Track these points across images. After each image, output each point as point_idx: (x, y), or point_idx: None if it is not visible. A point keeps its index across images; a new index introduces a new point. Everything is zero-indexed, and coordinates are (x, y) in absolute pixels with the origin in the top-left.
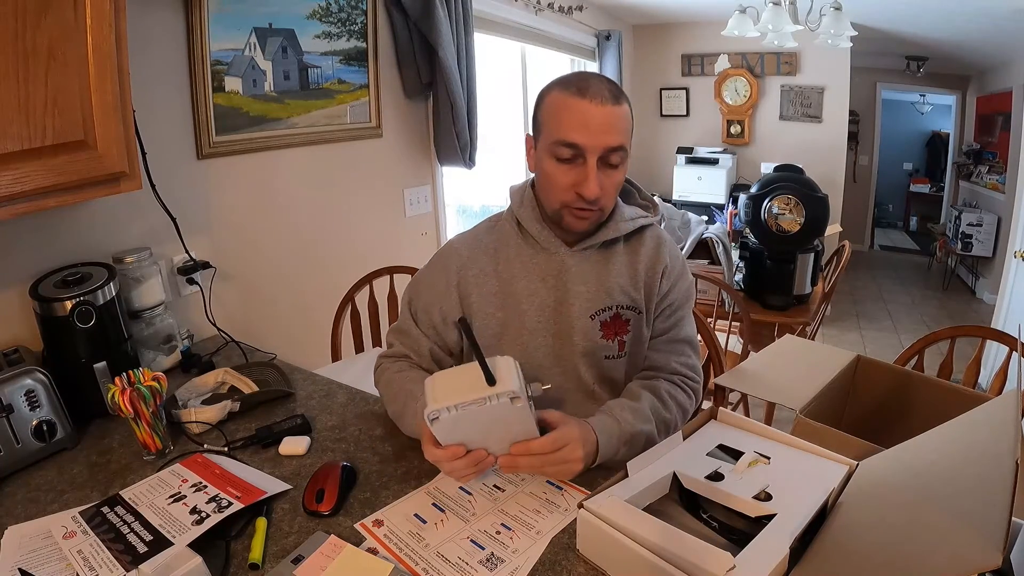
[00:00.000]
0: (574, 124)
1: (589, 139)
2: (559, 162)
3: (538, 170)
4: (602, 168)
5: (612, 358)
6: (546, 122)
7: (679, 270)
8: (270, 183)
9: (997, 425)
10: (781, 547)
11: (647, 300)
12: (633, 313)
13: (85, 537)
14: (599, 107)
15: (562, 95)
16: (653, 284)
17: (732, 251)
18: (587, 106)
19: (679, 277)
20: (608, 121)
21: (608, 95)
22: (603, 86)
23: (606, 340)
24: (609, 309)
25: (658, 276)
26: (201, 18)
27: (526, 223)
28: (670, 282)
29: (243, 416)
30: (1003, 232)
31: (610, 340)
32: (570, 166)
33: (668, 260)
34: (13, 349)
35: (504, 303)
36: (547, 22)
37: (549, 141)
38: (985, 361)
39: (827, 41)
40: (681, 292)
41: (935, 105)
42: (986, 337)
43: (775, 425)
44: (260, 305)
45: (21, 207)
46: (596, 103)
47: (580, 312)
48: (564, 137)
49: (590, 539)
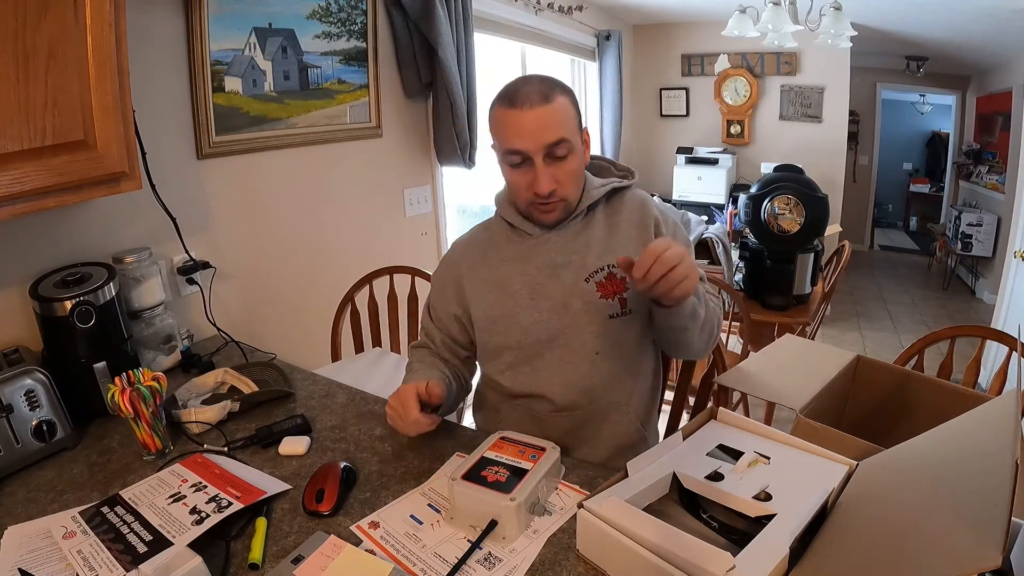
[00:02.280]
0: (512, 134)
1: (527, 143)
2: (513, 168)
3: (504, 177)
4: (551, 163)
5: (617, 316)
6: (495, 136)
7: (672, 222)
8: (270, 183)
9: (997, 425)
10: (781, 547)
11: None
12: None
13: (85, 537)
14: (529, 112)
15: (499, 109)
16: (648, 238)
17: (732, 251)
18: (518, 115)
19: (674, 228)
20: (539, 122)
21: (536, 97)
22: (532, 89)
23: (606, 299)
24: (601, 270)
25: (651, 231)
26: (201, 18)
27: (509, 217)
28: (667, 231)
29: (243, 416)
30: (1003, 232)
31: (610, 299)
32: (522, 170)
33: (658, 213)
34: (13, 349)
35: (497, 287)
36: (547, 22)
37: (500, 152)
38: (985, 361)
39: (827, 41)
40: (680, 239)
41: (935, 105)
42: (986, 337)
43: (775, 425)
44: (260, 305)
45: (21, 207)
46: (525, 109)
47: (573, 279)
48: (508, 147)
49: (590, 539)
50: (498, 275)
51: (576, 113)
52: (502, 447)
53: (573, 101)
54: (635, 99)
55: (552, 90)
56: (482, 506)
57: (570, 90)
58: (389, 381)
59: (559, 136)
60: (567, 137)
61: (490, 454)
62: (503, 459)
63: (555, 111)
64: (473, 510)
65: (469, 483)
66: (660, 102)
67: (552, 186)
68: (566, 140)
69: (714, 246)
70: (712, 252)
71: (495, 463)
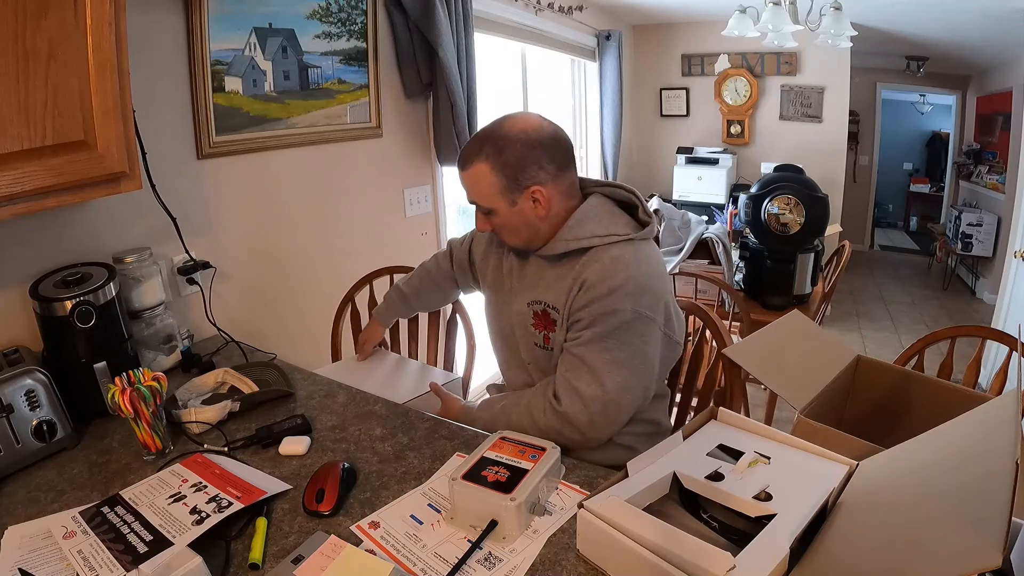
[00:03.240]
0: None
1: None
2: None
3: None
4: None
5: (540, 347)
6: None
7: (603, 292)
8: (270, 183)
9: (997, 425)
10: (781, 547)
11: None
12: (557, 314)
13: (85, 537)
14: (460, 170)
15: None
16: (572, 293)
17: (732, 251)
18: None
19: (600, 299)
20: (465, 184)
21: (461, 160)
22: (466, 149)
23: (535, 330)
24: (539, 303)
25: (576, 287)
26: (201, 18)
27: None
28: (587, 297)
29: (243, 416)
30: (1003, 232)
31: (539, 331)
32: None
33: (591, 276)
34: (13, 349)
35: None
36: (547, 22)
37: None
38: (985, 361)
39: (827, 41)
40: (596, 314)
41: (935, 105)
42: (986, 337)
43: (775, 425)
44: (260, 305)
45: (21, 207)
46: (457, 166)
47: (521, 300)
48: None
49: (590, 539)
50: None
51: (498, 179)
52: (502, 447)
53: (497, 165)
54: (635, 99)
55: (476, 153)
56: (482, 506)
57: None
58: (389, 381)
59: (475, 200)
60: (479, 202)
61: (490, 454)
62: (503, 459)
63: (473, 176)
64: (473, 510)
65: (469, 483)
66: (660, 102)
67: (486, 228)
68: (482, 205)
69: (714, 246)
70: (712, 252)
71: (495, 463)
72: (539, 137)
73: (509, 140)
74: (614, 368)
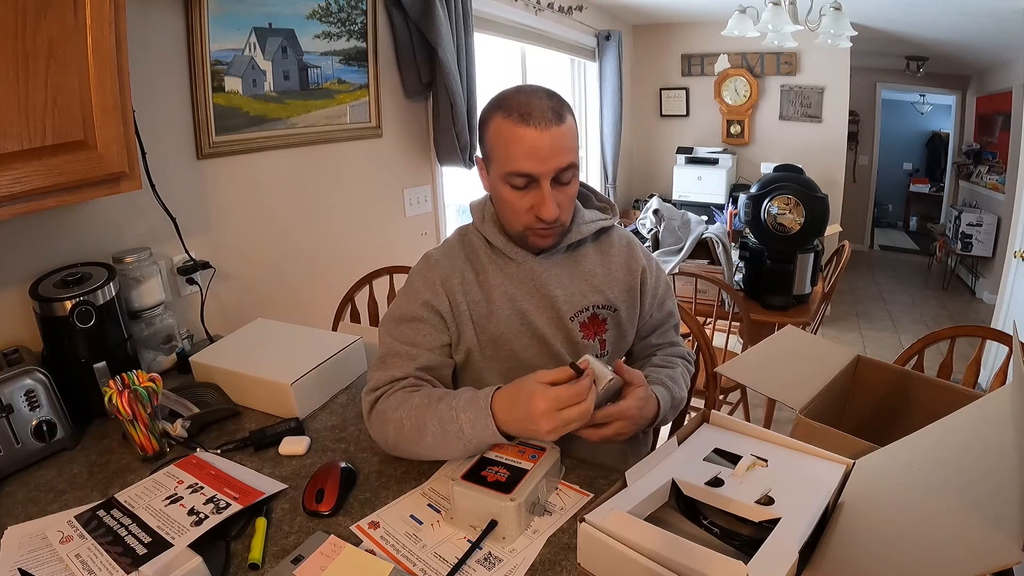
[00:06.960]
0: (523, 155)
1: (540, 167)
2: (514, 189)
3: (495, 195)
4: (555, 187)
5: (596, 357)
6: (494, 150)
7: (655, 266)
8: (270, 183)
9: (994, 420)
10: (791, 552)
11: (629, 300)
12: (609, 312)
13: (82, 541)
14: (544, 132)
15: (506, 123)
16: (635, 285)
17: (732, 251)
18: (533, 134)
19: (657, 272)
20: (555, 144)
21: (551, 115)
22: (545, 106)
23: (587, 340)
24: (586, 310)
25: (637, 278)
26: (201, 18)
27: (491, 237)
28: (652, 279)
29: (240, 418)
30: (1003, 232)
31: (591, 340)
32: (525, 192)
33: (644, 260)
34: (13, 349)
35: (489, 310)
36: (547, 22)
37: (501, 172)
38: (985, 361)
39: (827, 41)
40: (663, 284)
41: (935, 105)
42: (986, 337)
43: (775, 425)
44: (260, 305)
45: (21, 207)
46: (541, 128)
47: (559, 315)
48: (516, 169)
49: (594, 553)
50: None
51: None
52: (502, 447)
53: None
54: (635, 99)
55: (563, 107)
56: (482, 506)
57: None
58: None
59: (569, 161)
60: (576, 162)
61: (490, 454)
62: (503, 459)
63: (568, 133)
64: (473, 510)
65: (469, 483)
66: (660, 102)
67: (557, 212)
68: (574, 165)
69: (714, 246)
70: (712, 252)
71: (495, 463)
72: None
73: None
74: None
